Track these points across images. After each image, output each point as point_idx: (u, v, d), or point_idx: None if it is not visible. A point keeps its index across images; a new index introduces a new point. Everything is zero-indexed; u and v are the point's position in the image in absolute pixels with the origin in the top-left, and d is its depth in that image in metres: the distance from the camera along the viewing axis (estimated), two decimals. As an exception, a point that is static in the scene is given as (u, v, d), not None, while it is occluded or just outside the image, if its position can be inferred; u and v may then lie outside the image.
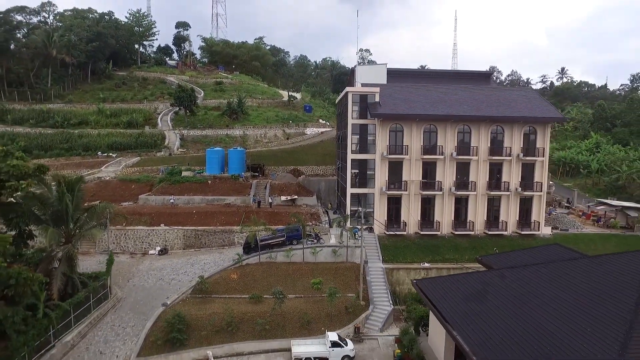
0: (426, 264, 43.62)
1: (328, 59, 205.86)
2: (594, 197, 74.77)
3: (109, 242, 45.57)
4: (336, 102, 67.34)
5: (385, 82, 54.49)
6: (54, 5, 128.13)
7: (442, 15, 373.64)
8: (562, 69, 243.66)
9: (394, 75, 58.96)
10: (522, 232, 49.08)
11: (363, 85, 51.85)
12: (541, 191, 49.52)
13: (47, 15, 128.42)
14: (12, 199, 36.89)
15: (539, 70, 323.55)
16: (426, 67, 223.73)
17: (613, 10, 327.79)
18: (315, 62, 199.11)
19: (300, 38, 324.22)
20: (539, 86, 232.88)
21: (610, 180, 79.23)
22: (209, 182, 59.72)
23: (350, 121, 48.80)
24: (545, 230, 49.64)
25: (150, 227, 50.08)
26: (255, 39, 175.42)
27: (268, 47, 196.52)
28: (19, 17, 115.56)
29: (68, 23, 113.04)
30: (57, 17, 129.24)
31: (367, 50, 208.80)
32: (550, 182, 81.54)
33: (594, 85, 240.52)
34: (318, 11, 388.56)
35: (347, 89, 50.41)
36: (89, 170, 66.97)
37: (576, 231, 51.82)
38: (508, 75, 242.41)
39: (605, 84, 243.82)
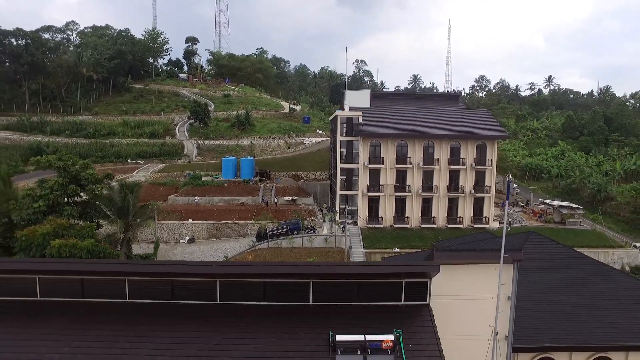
0: (397, 249, 56.48)
1: (326, 67, 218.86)
2: (552, 198, 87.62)
3: (156, 231, 58.43)
4: (330, 119, 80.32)
5: (368, 105, 67.54)
6: (77, 24, 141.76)
7: (440, 18, 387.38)
8: (549, 76, 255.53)
9: (377, 97, 72.29)
10: (475, 225, 62.02)
11: (351, 108, 64.88)
12: (490, 193, 62.60)
13: (70, 33, 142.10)
14: (86, 199, 49.93)
15: (536, 72, 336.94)
16: (419, 76, 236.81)
17: (611, 13, 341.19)
18: (314, 72, 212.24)
19: (299, 40, 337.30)
20: (527, 93, 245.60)
21: (566, 184, 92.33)
22: (225, 185, 72.69)
23: (339, 138, 61.90)
24: (494, 224, 62.68)
25: (181, 222, 62.99)
26: (257, 49, 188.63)
27: (269, 57, 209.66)
28: (46, 35, 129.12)
29: (92, 41, 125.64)
30: (79, 34, 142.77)
31: (362, 61, 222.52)
32: (515, 185, 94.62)
33: (579, 92, 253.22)
34: (317, 13, 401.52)
35: (337, 113, 63.61)
36: (122, 175, 79.58)
37: (519, 225, 64.68)
38: (497, 84, 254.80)
39: (592, 91, 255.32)
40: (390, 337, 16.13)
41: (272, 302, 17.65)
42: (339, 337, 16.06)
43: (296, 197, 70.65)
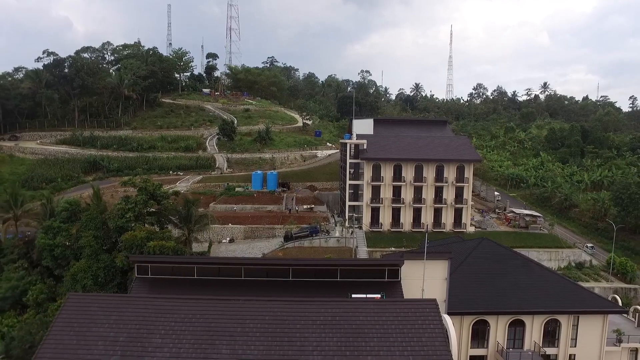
0: (393, 249, 72.66)
1: (333, 75, 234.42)
2: (529, 205, 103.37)
3: (209, 234, 74.88)
4: (340, 142, 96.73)
5: (372, 132, 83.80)
6: (111, 44, 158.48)
7: (445, 15, 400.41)
8: (545, 83, 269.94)
9: (379, 123, 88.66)
10: (455, 230, 78.15)
11: (358, 136, 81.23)
12: (467, 204, 78.78)
13: (105, 52, 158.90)
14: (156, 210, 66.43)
15: (542, 69, 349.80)
16: (420, 85, 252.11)
17: (617, 9, 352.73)
18: (322, 82, 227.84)
19: (304, 37, 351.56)
20: (524, 99, 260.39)
21: (540, 192, 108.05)
22: (255, 195, 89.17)
23: (348, 160, 78.37)
24: (470, 229, 78.87)
25: (222, 225, 79.43)
26: (268, 57, 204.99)
27: (281, 66, 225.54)
28: (85, 55, 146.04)
29: (128, 63, 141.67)
30: (113, 52, 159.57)
31: (367, 71, 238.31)
32: (497, 193, 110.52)
33: (574, 98, 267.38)
34: (322, 10, 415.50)
35: (346, 140, 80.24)
36: (167, 185, 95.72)
37: (492, 230, 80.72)
38: (494, 90, 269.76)
39: (587, 96, 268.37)
40: (378, 295, 32.52)
41: (319, 279, 34.07)
42: (353, 295, 32.42)
43: (313, 206, 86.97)
